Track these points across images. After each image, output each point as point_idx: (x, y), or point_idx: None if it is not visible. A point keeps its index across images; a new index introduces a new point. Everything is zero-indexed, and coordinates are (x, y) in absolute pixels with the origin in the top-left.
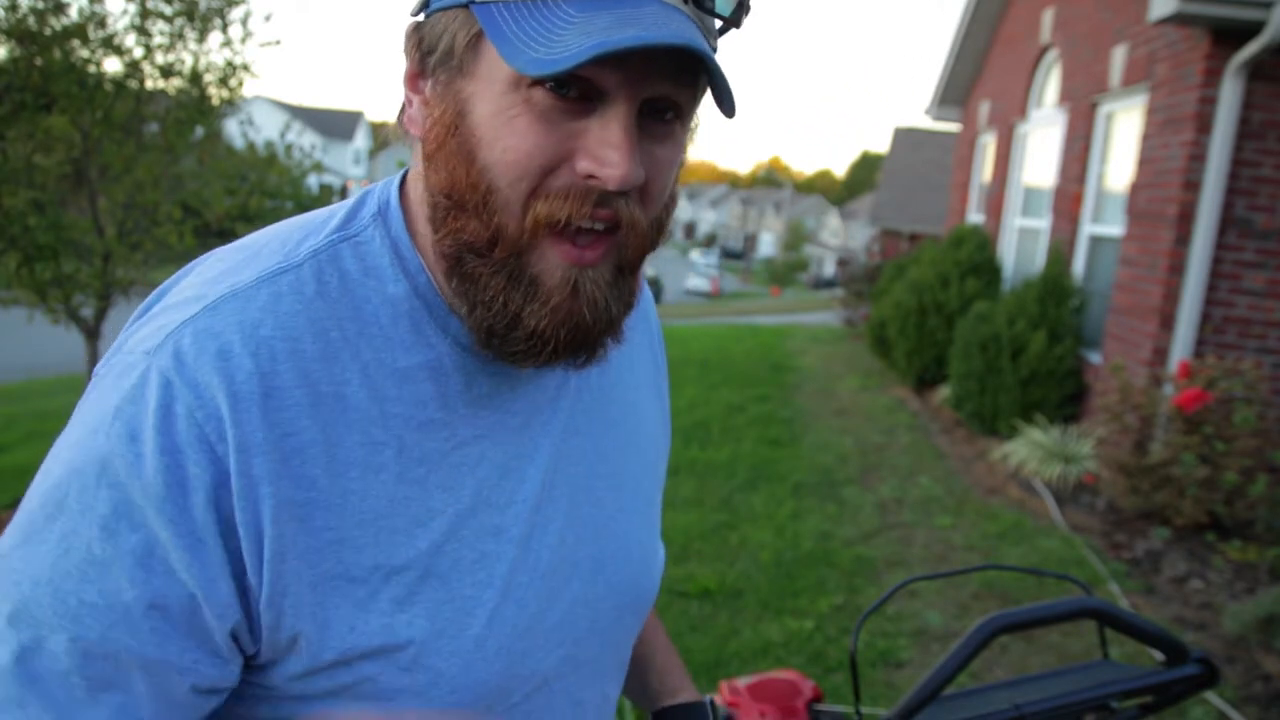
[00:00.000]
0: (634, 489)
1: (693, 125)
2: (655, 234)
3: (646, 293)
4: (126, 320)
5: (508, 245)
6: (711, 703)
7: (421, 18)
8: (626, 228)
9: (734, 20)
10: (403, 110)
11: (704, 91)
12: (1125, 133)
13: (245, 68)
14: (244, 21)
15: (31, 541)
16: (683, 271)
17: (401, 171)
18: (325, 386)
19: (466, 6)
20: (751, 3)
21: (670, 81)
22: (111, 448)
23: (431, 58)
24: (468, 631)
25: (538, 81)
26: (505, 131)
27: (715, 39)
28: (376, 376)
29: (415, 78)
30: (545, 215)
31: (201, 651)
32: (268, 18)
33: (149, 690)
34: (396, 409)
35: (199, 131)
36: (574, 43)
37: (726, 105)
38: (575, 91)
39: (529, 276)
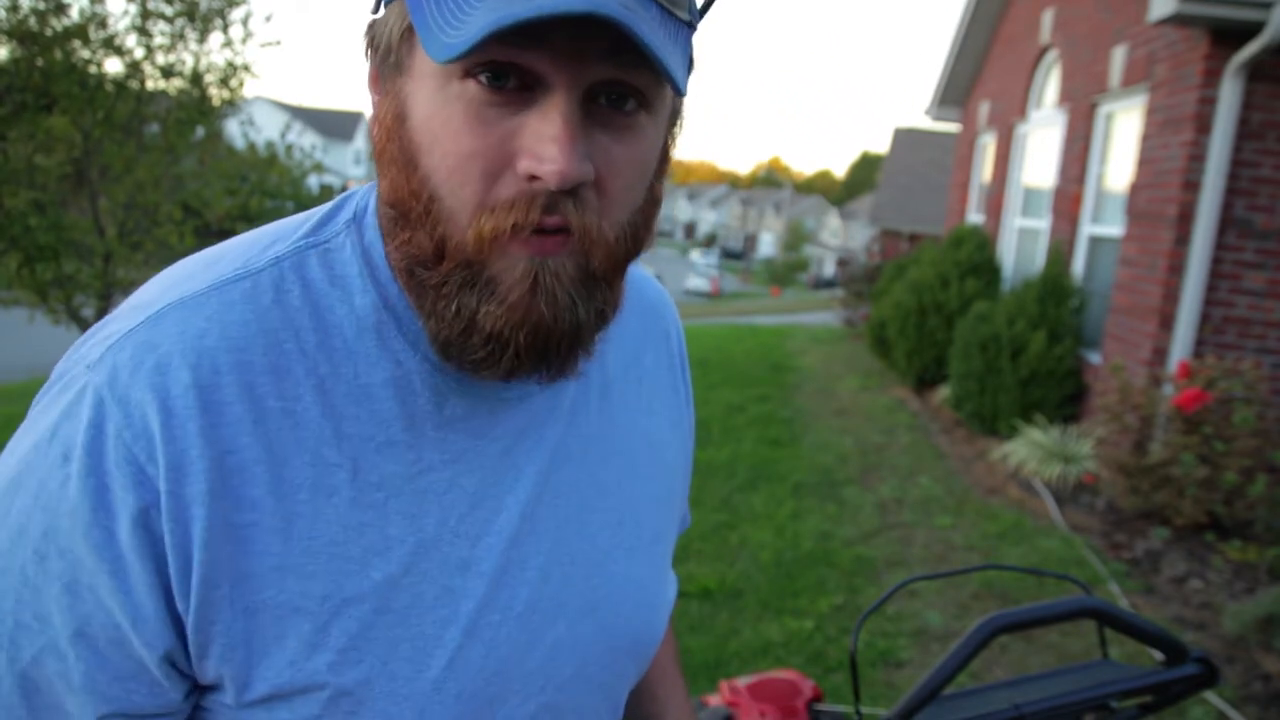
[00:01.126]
0: (636, 524)
1: (669, 114)
2: (628, 241)
3: (670, 313)
4: None
5: (455, 256)
6: None
7: (378, 14)
8: (580, 234)
9: None
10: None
11: (680, 72)
12: (1125, 133)
13: (246, 68)
14: (244, 22)
15: None
16: (683, 271)
17: None
18: (273, 401)
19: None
20: None
21: (610, 63)
22: (47, 469)
23: (377, 56)
24: (425, 674)
25: (469, 74)
26: (442, 134)
27: (681, 10)
28: (333, 393)
29: (375, 79)
30: (491, 229)
31: (134, 680)
32: (268, 18)
33: (83, 716)
34: (353, 428)
35: (200, 132)
36: (478, 21)
37: (669, 79)
38: (513, 82)
39: (485, 278)
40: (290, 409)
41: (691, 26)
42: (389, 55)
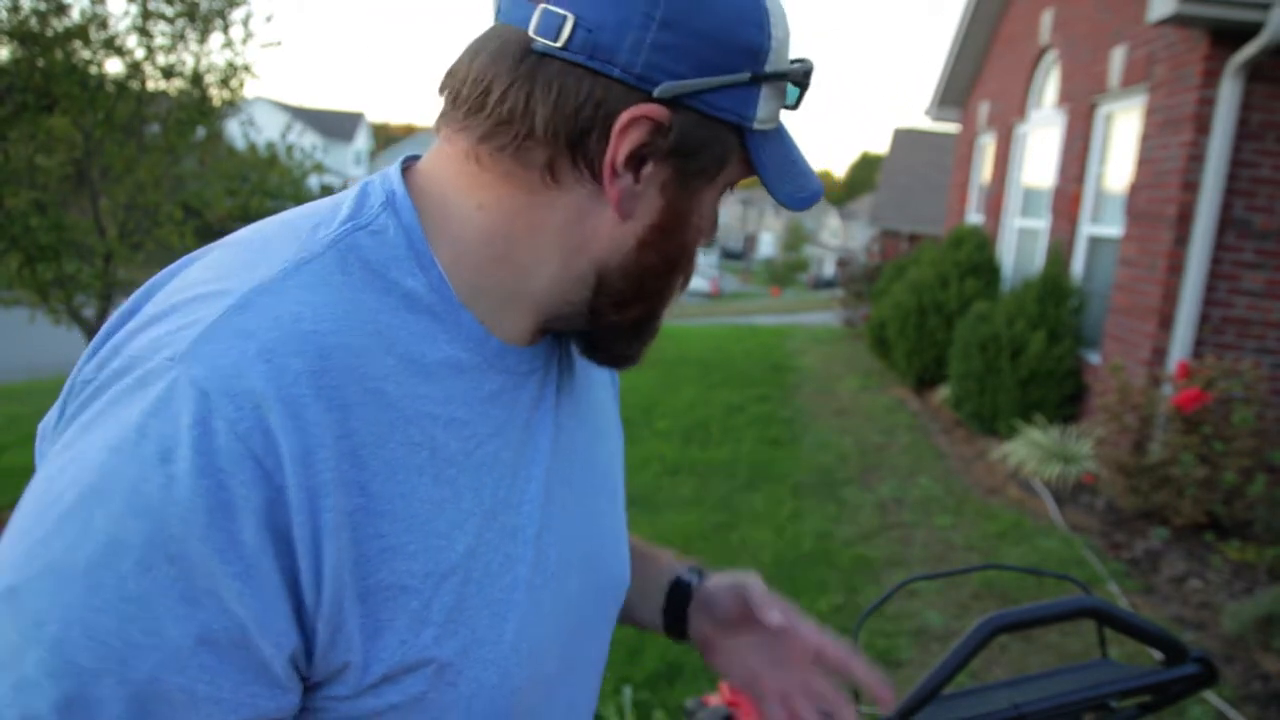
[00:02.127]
0: (606, 482)
1: None
2: None
3: None
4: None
5: (673, 297)
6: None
7: (668, 107)
8: None
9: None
10: (550, 164)
11: None
12: (1124, 133)
13: (246, 68)
14: (245, 22)
15: (50, 576)
16: None
17: (398, 164)
18: (370, 383)
19: (741, 129)
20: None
21: None
22: (140, 471)
23: (678, 156)
24: (505, 637)
25: (731, 186)
26: (711, 224)
27: None
28: (408, 372)
29: (639, 160)
30: (691, 272)
31: (258, 684)
32: (269, 18)
33: None
34: (426, 407)
35: (200, 132)
36: (802, 185)
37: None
38: None
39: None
40: (380, 390)
41: None
42: (705, 166)
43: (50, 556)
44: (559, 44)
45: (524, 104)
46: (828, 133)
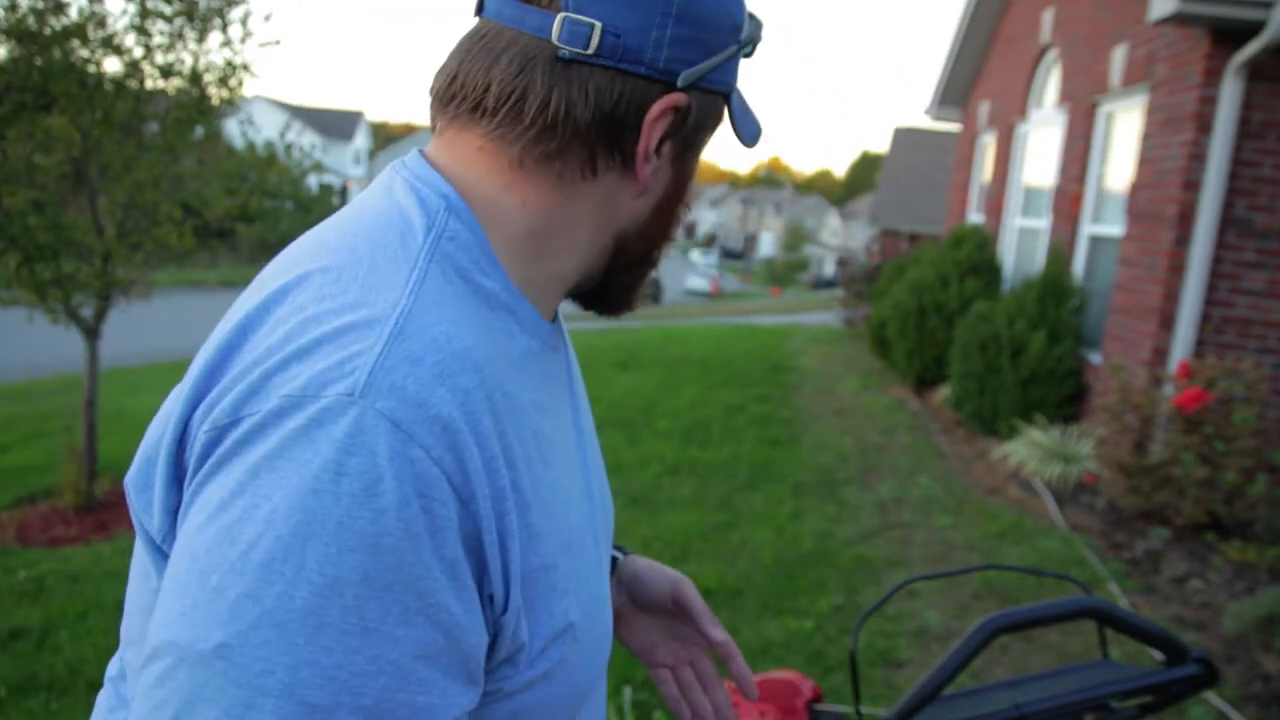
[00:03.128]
0: (594, 434)
1: None
2: None
3: None
4: (127, 322)
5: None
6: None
7: (688, 93)
8: None
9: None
10: (602, 154)
11: None
12: (1125, 133)
13: (245, 67)
14: (244, 21)
15: (268, 625)
16: (683, 271)
17: (419, 162)
18: (504, 388)
19: (727, 97)
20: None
21: None
22: (346, 509)
23: (690, 131)
24: (600, 591)
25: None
26: (692, 193)
27: None
28: (512, 369)
29: (664, 140)
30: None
31: (462, 684)
32: (267, 17)
33: None
34: (527, 397)
35: (199, 131)
36: (756, 121)
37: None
38: None
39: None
40: (508, 392)
41: None
42: (702, 135)
43: (263, 606)
44: (590, 51)
45: (564, 110)
46: (828, 133)
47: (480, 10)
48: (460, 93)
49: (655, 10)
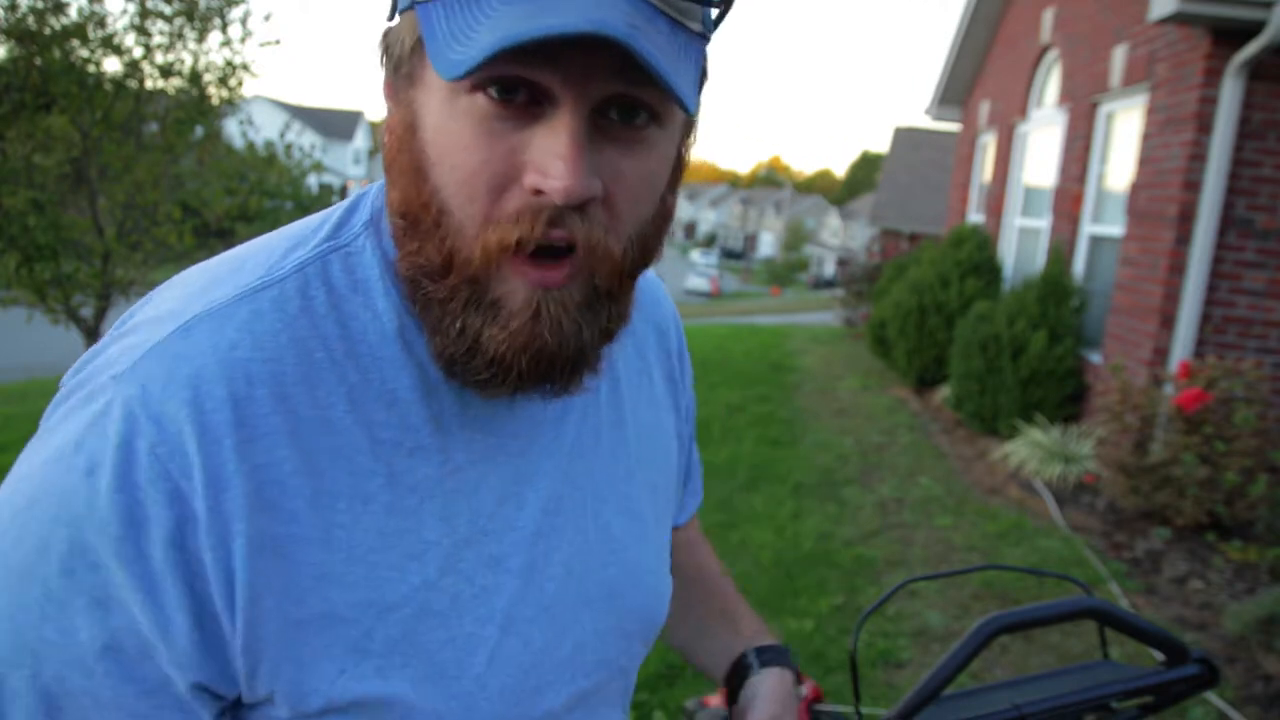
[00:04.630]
0: (645, 513)
1: (683, 125)
2: (636, 254)
3: (668, 305)
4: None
5: (462, 270)
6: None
7: (393, 22)
8: (585, 250)
9: None
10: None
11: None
12: (1125, 132)
13: (245, 67)
14: (243, 21)
15: None
16: (683, 271)
17: None
18: (308, 411)
19: (412, 8)
20: None
21: (619, 79)
22: (71, 482)
23: (390, 64)
24: (469, 672)
25: (478, 87)
26: (451, 146)
27: (694, 21)
28: (364, 399)
29: (389, 88)
30: (496, 242)
31: (159, 699)
32: (267, 17)
33: None
34: (386, 434)
35: (198, 131)
36: (484, 39)
37: (676, 99)
38: (522, 95)
39: (489, 300)
40: (325, 417)
41: (705, 38)
42: (401, 66)
43: None
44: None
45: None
46: (828, 133)
47: None
48: None
49: None
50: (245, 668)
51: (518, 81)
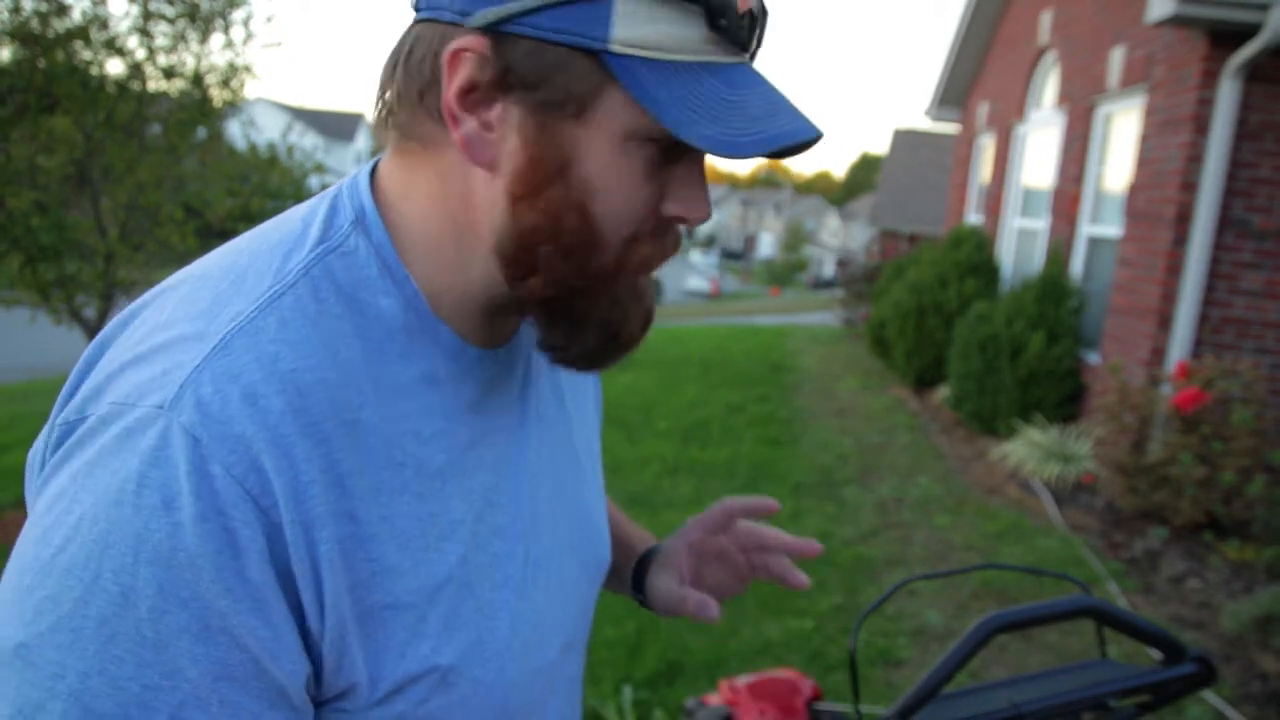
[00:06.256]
0: (585, 464)
1: None
2: None
3: None
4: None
5: (608, 282)
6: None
7: (489, 36)
8: (674, 250)
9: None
10: (389, 111)
11: None
12: (1123, 134)
13: (247, 69)
14: (246, 23)
15: (64, 630)
16: (682, 272)
17: (366, 170)
18: (348, 413)
19: (595, 54)
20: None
21: None
22: (145, 521)
23: (523, 90)
24: (498, 636)
25: (651, 139)
26: (618, 183)
27: None
28: (385, 394)
29: (471, 94)
30: (641, 259)
31: (276, 710)
32: (269, 19)
33: None
34: (407, 425)
35: (201, 133)
36: (746, 128)
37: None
38: (677, 148)
39: (627, 301)
40: (359, 418)
41: None
42: (559, 101)
43: (60, 612)
44: (414, 9)
45: (400, 72)
46: (828, 133)
47: None
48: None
49: None
50: (332, 663)
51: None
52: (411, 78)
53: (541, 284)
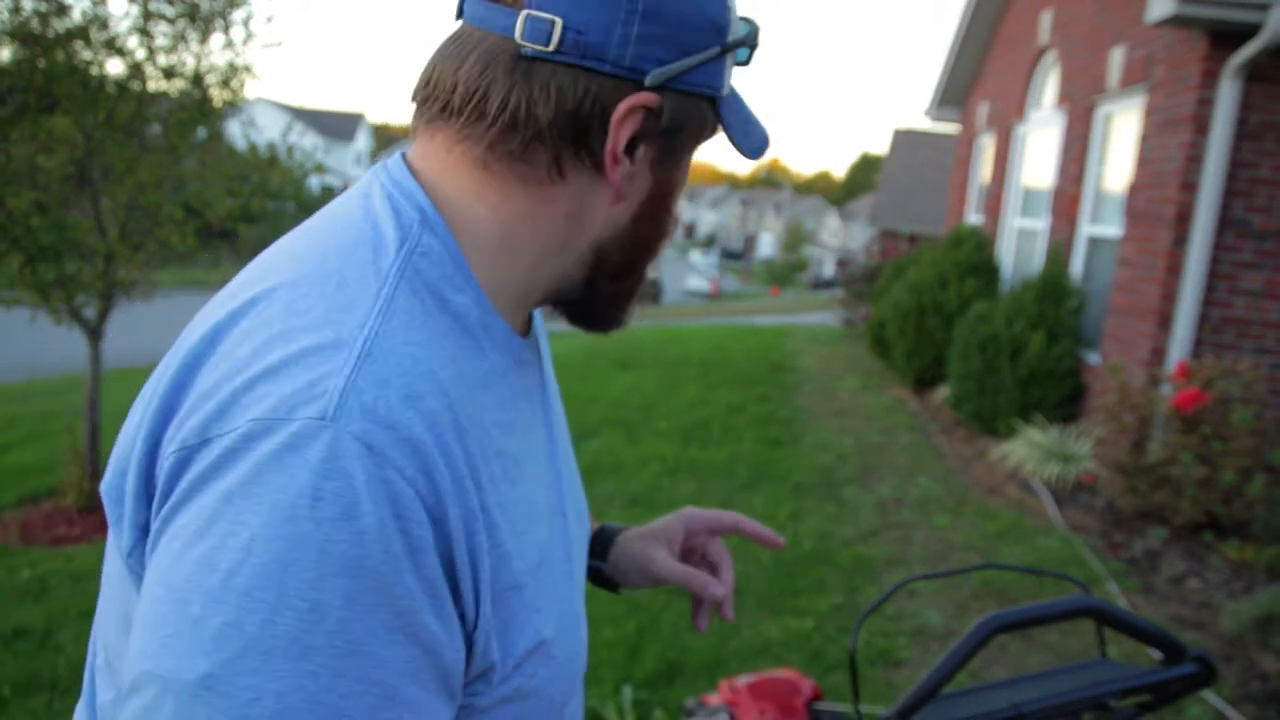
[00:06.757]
0: (569, 444)
1: None
2: None
3: None
4: (128, 325)
5: (643, 280)
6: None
7: (657, 96)
8: None
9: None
10: (490, 131)
11: None
12: (1123, 134)
13: (247, 69)
14: (246, 23)
15: (253, 654)
16: (682, 272)
17: (402, 168)
18: (468, 409)
19: (714, 100)
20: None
21: None
22: (325, 534)
23: (667, 136)
24: (574, 606)
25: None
26: (676, 206)
27: None
28: (478, 389)
29: (635, 141)
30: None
31: (446, 700)
32: (269, 19)
33: None
34: (494, 417)
35: (201, 133)
36: (756, 135)
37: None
38: None
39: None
40: (472, 414)
41: None
42: (684, 141)
43: (246, 634)
44: (550, 48)
45: (525, 108)
46: (828, 133)
47: (459, 14)
48: (432, 94)
49: (620, 7)
50: (480, 650)
51: None
52: (557, 118)
53: (636, 276)
